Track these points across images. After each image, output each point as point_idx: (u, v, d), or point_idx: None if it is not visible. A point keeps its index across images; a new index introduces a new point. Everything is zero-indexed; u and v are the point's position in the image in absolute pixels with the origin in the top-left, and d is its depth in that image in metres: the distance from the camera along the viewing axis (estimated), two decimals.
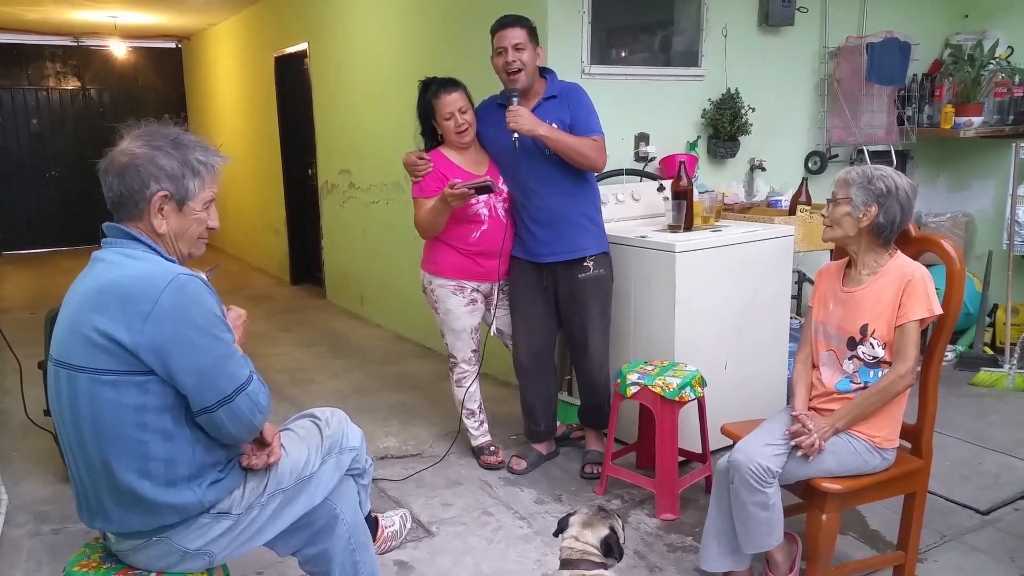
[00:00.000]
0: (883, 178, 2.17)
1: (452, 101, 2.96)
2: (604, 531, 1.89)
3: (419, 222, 3.07)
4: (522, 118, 2.82)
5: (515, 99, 2.87)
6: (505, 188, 3.07)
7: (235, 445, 1.74)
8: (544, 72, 3.02)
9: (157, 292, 1.53)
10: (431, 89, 3.02)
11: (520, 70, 2.88)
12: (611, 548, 1.87)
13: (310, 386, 4.44)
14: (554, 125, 2.89)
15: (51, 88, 9.57)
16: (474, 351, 3.24)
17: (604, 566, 1.85)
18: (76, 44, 9.46)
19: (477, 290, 3.17)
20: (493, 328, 3.26)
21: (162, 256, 1.64)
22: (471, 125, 3.01)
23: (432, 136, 3.10)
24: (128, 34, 9.08)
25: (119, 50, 9.31)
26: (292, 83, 6.84)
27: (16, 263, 8.75)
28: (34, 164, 9.46)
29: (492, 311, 3.23)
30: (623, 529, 1.96)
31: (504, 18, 2.93)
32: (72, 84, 9.68)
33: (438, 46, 4.59)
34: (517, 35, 2.88)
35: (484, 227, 3.07)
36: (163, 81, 10.20)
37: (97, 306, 1.55)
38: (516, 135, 2.84)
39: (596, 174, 3.12)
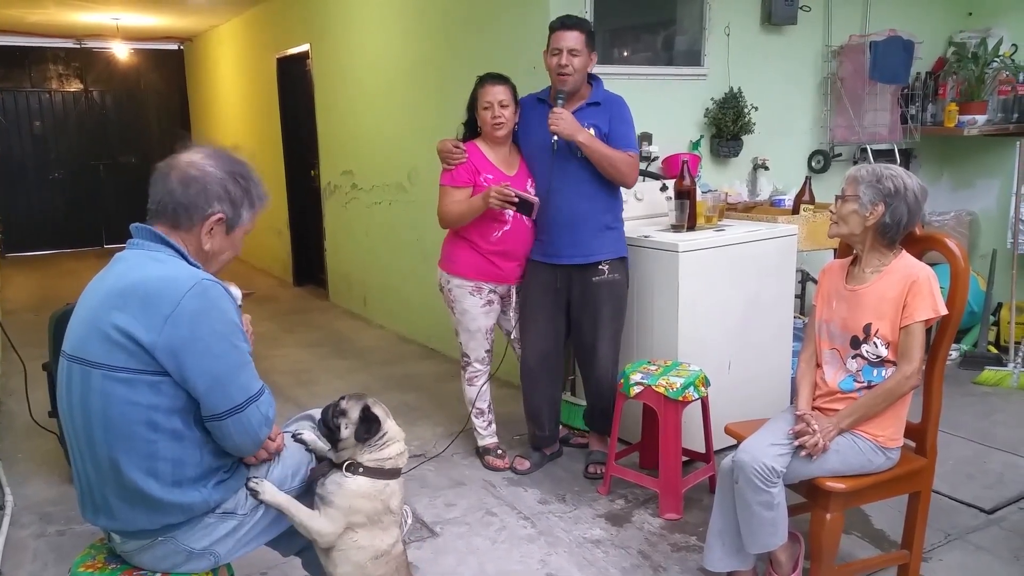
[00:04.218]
0: (893, 178, 2.16)
1: (494, 92, 2.97)
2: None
3: (445, 211, 3.06)
4: (564, 121, 2.83)
5: (560, 101, 2.89)
6: (532, 189, 3.06)
7: (237, 454, 1.73)
8: (591, 79, 3.03)
9: (179, 295, 1.54)
10: (481, 79, 3.03)
11: (571, 74, 2.88)
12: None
13: (314, 387, 4.44)
14: (591, 131, 2.90)
15: (54, 90, 9.59)
16: (488, 351, 3.25)
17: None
18: (78, 46, 9.47)
19: (494, 291, 3.17)
20: (513, 335, 3.29)
21: (187, 261, 1.65)
22: (508, 121, 3.01)
23: (473, 128, 3.11)
24: (130, 36, 9.09)
25: (121, 52, 9.33)
26: (294, 84, 6.85)
27: (20, 265, 8.76)
28: (37, 166, 9.48)
29: (509, 314, 3.25)
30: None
31: (566, 19, 2.92)
32: (75, 86, 9.69)
33: (440, 48, 4.59)
34: (575, 39, 2.88)
35: (507, 227, 3.06)
36: (165, 83, 10.22)
37: (119, 304, 1.56)
38: (556, 137, 2.85)
39: None
